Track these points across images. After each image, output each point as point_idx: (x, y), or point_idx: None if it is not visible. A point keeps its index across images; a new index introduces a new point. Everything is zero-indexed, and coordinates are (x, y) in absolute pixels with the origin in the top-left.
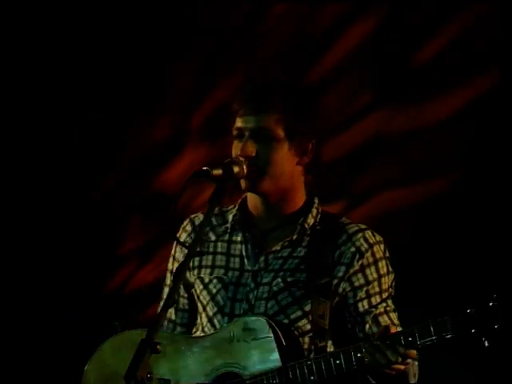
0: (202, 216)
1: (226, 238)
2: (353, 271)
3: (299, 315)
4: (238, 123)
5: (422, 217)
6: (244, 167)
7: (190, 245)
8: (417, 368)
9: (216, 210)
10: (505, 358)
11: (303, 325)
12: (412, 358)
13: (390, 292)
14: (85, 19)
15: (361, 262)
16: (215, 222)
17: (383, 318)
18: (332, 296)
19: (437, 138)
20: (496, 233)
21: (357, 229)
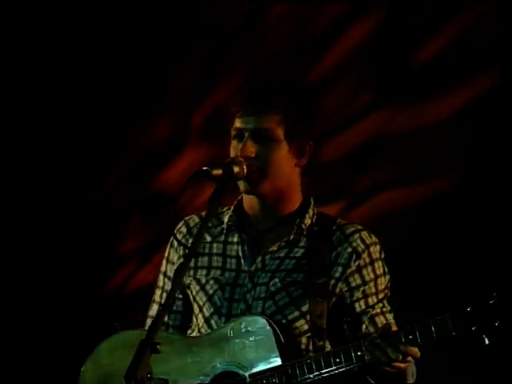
0: (196, 218)
1: (222, 239)
2: (350, 271)
3: (297, 315)
4: (238, 123)
5: (421, 217)
6: (244, 167)
7: (191, 245)
8: (414, 368)
9: None
10: (505, 357)
11: (301, 325)
12: (413, 356)
13: (386, 293)
14: (85, 19)
15: (357, 263)
16: (210, 224)
17: (380, 319)
18: (329, 296)
19: (437, 138)
20: (496, 232)
21: (353, 229)
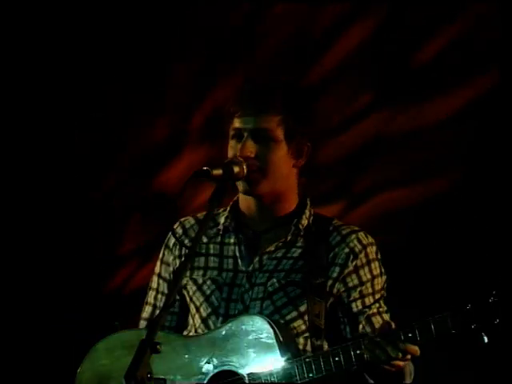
0: (192, 219)
1: (219, 239)
2: (347, 272)
3: (294, 316)
4: (237, 123)
5: (421, 217)
6: (244, 167)
7: (191, 245)
8: (412, 367)
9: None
10: (504, 355)
11: (298, 325)
12: (412, 354)
13: (383, 293)
14: (85, 19)
15: (355, 263)
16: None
17: (376, 319)
18: (326, 296)
19: (437, 138)
20: (496, 232)
21: (350, 230)
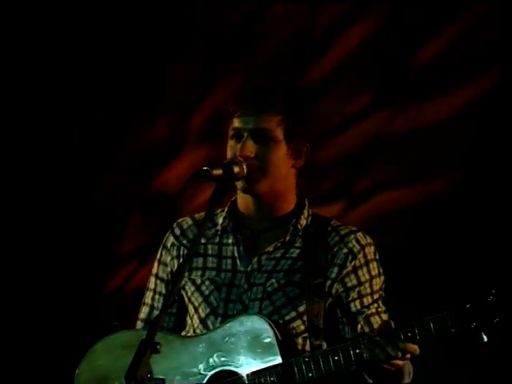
0: (189, 220)
1: (217, 240)
2: (346, 272)
3: (293, 316)
4: (236, 123)
5: (421, 217)
6: (244, 167)
7: (191, 245)
8: (411, 367)
9: (203, 214)
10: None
11: (297, 326)
12: (412, 353)
13: (381, 294)
14: (85, 19)
15: (353, 263)
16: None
17: (375, 319)
18: (325, 297)
19: (437, 138)
20: (495, 232)
21: (348, 231)
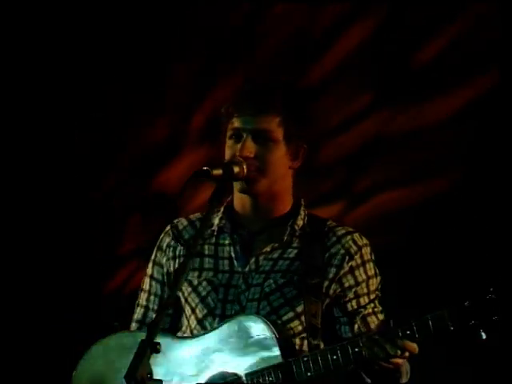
0: (184, 221)
1: (213, 240)
2: (343, 273)
3: (291, 316)
4: (236, 123)
5: (421, 217)
6: (244, 168)
7: (191, 246)
8: (408, 366)
9: (199, 215)
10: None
11: (295, 326)
12: (411, 352)
13: (377, 294)
14: (85, 19)
15: (350, 264)
16: (199, 226)
17: (371, 319)
18: (323, 297)
19: (437, 138)
20: (495, 232)
21: (345, 231)
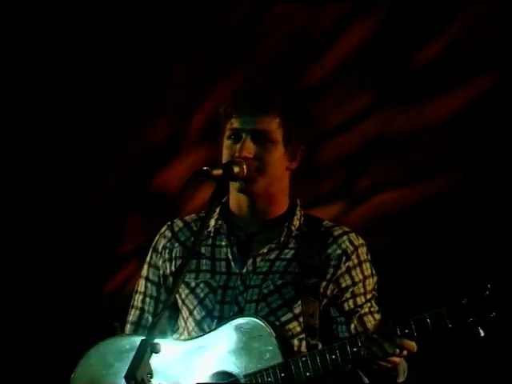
0: (180, 222)
1: (210, 242)
2: (340, 273)
3: (289, 317)
4: (235, 124)
5: (421, 217)
6: (244, 168)
7: (191, 246)
8: (406, 365)
9: (194, 216)
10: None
11: (293, 327)
12: (409, 350)
13: (374, 294)
14: (85, 19)
15: (347, 264)
16: (195, 228)
17: (368, 318)
18: (320, 297)
19: (437, 138)
20: (495, 232)
21: (341, 231)
